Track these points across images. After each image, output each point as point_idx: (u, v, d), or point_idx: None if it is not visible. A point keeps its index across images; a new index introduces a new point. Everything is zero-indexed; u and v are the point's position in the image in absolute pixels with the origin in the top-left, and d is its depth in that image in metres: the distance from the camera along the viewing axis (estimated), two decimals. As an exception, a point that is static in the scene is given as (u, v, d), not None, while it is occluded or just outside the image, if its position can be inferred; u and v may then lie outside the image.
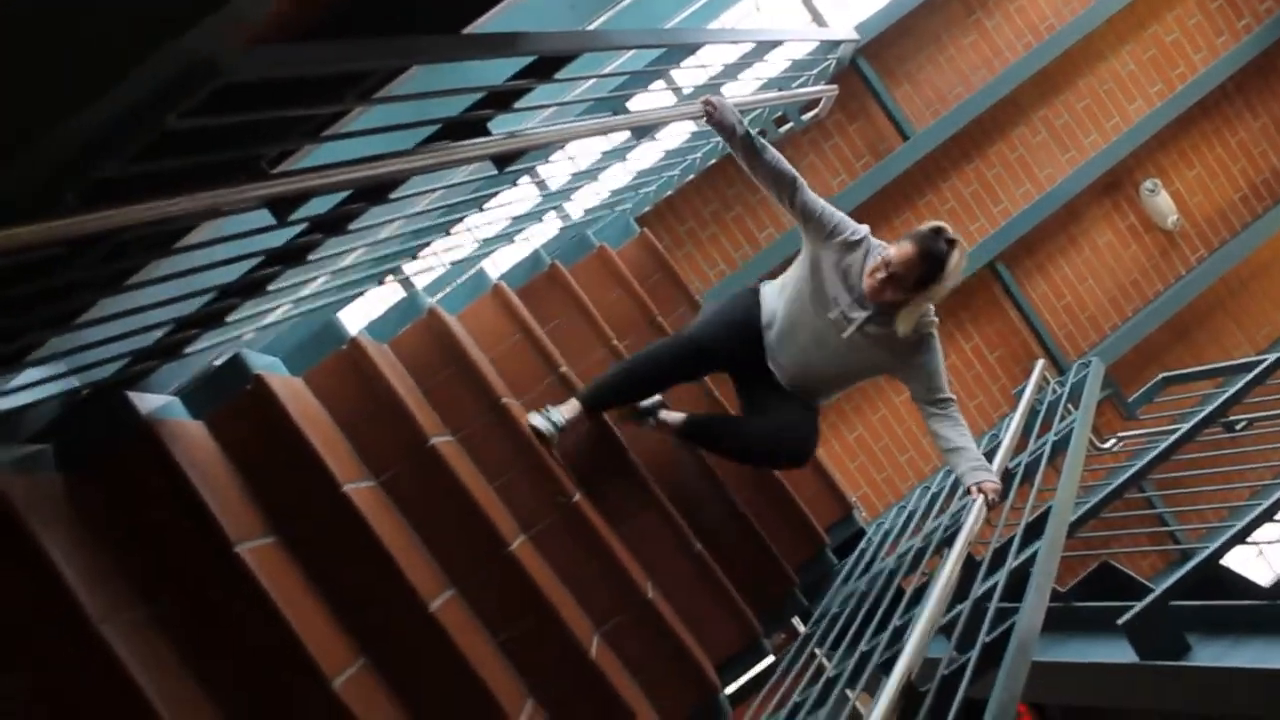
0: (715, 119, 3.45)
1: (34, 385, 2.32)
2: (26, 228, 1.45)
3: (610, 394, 3.59)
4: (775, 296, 3.63)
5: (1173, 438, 4.35)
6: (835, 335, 3.43)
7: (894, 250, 3.32)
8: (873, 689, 2.26)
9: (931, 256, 3.26)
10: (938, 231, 3.31)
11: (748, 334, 3.59)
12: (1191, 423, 4.43)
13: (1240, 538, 3.48)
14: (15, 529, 2.11)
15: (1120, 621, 3.31)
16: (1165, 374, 5.79)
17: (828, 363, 3.50)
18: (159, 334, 2.43)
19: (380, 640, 2.66)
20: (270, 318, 2.96)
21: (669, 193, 6.20)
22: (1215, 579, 4.04)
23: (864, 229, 3.50)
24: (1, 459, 2.20)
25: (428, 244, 3.39)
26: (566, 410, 3.49)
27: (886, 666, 2.37)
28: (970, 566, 2.94)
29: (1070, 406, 4.44)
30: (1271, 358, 4.68)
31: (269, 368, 2.90)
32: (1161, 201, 7.37)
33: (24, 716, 2.01)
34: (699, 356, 3.59)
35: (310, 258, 2.58)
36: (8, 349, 1.90)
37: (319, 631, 2.49)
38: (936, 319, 3.47)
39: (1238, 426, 4.79)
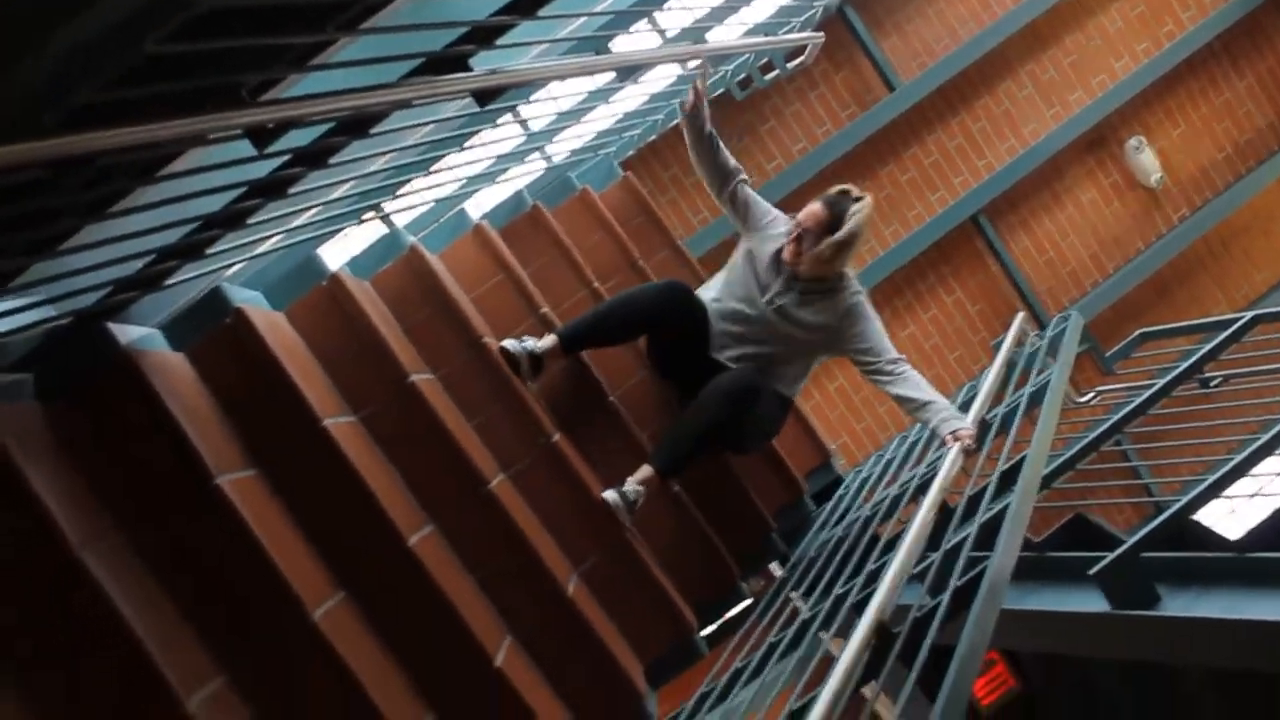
0: (692, 106, 3.60)
1: (14, 313, 2.31)
2: (6, 148, 1.45)
3: (585, 331, 3.59)
4: (709, 294, 3.79)
5: (1148, 392, 4.39)
6: (771, 317, 3.60)
7: (799, 214, 3.57)
8: (846, 633, 2.29)
9: (834, 207, 3.53)
10: (843, 192, 3.60)
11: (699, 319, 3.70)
12: (1168, 378, 4.48)
13: (1212, 492, 3.53)
14: (-4, 457, 2.11)
15: (1092, 572, 3.36)
16: (1143, 330, 5.83)
17: (769, 347, 3.64)
18: (140, 264, 2.42)
19: (359, 574, 2.67)
20: (252, 251, 2.94)
21: (653, 138, 6.18)
22: (1186, 532, 4.11)
23: (772, 214, 3.79)
24: (-20, 386, 2.20)
25: (409, 181, 3.37)
26: (542, 341, 3.50)
27: (860, 608, 2.41)
28: (945, 514, 2.97)
29: (1049, 359, 4.47)
30: (1248, 315, 4.72)
31: (250, 302, 2.89)
32: (1145, 159, 7.39)
33: (6, 645, 2.02)
34: (674, 303, 3.63)
35: (291, 191, 2.57)
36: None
37: (299, 564, 2.51)
38: (862, 288, 3.70)
39: (1213, 383, 4.83)
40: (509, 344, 3.42)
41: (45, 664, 2.07)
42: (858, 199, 3.57)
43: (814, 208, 3.53)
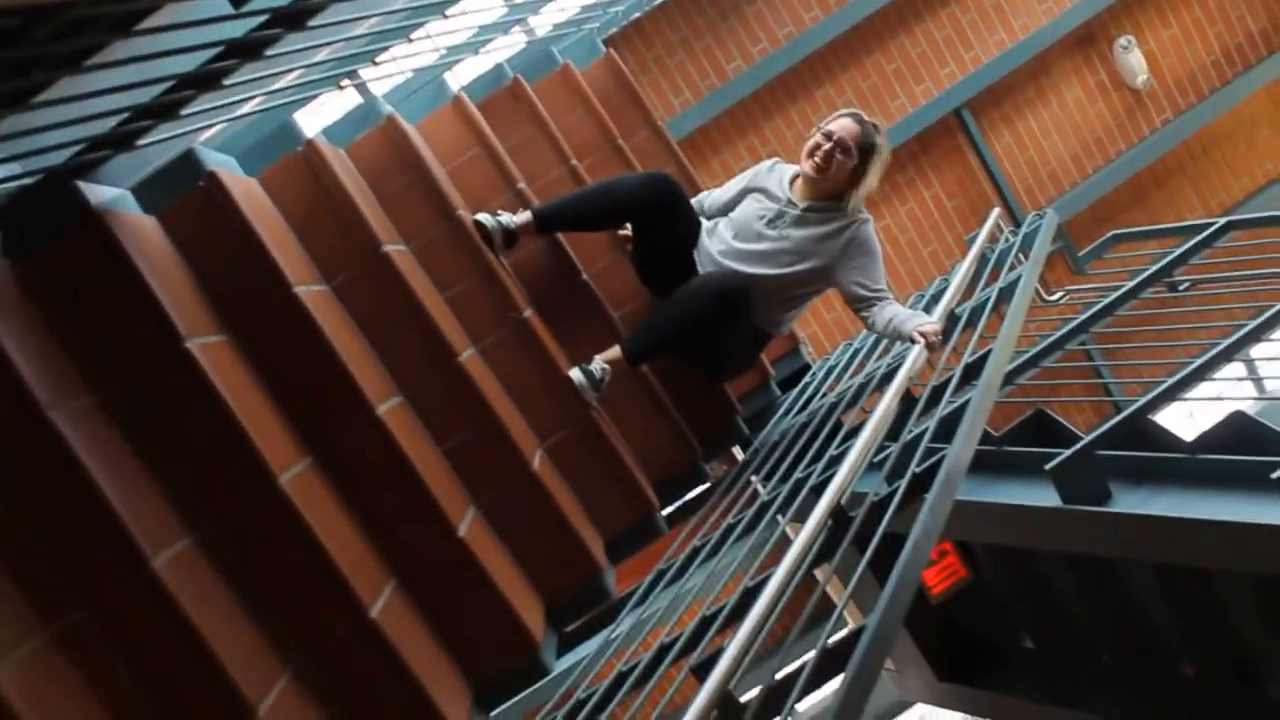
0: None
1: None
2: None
3: (562, 212, 3.60)
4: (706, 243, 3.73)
5: (1117, 293, 4.43)
6: (770, 241, 3.57)
7: (830, 125, 3.52)
8: (804, 518, 2.35)
9: (864, 123, 3.53)
10: (857, 115, 3.58)
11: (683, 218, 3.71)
12: (1136, 280, 4.51)
13: (1170, 395, 3.59)
14: (-37, 310, 2.12)
15: (1048, 467, 3.42)
16: (1116, 231, 5.86)
17: (767, 271, 3.58)
18: (113, 122, 2.40)
19: (326, 441, 2.71)
20: (227, 114, 2.92)
21: (638, 15, 6.10)
22: (1143, 433, 4.18)
23: (755, 167, 3.83)
24: (-52, 242, 2.19)
25: (389, 49, 3.33)
26: (517, 217, 3.50)
27: (818, 491, 2.47)
28: (908, 404, 3.02)
29: (1021, 256, 4.50)
30: (1221, 221, 4.74)
31: (223, 165, 2.87)
32: (1133, 60, 7.35)
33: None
34: (656, 195, 3.60)
35: (268, 53, 2.54)
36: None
37: (266, 429, 2.53)
38: (869, 216, 3.65)
39: (1181, 287, 4.88)
40: (483, 217, 3.41)
41: (10, 518, 2.09)
42: (873, 122, 3.58)
43: (846, 122, 3.51)
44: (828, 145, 3.47)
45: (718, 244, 3.62)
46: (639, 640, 2.72)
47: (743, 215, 3.66)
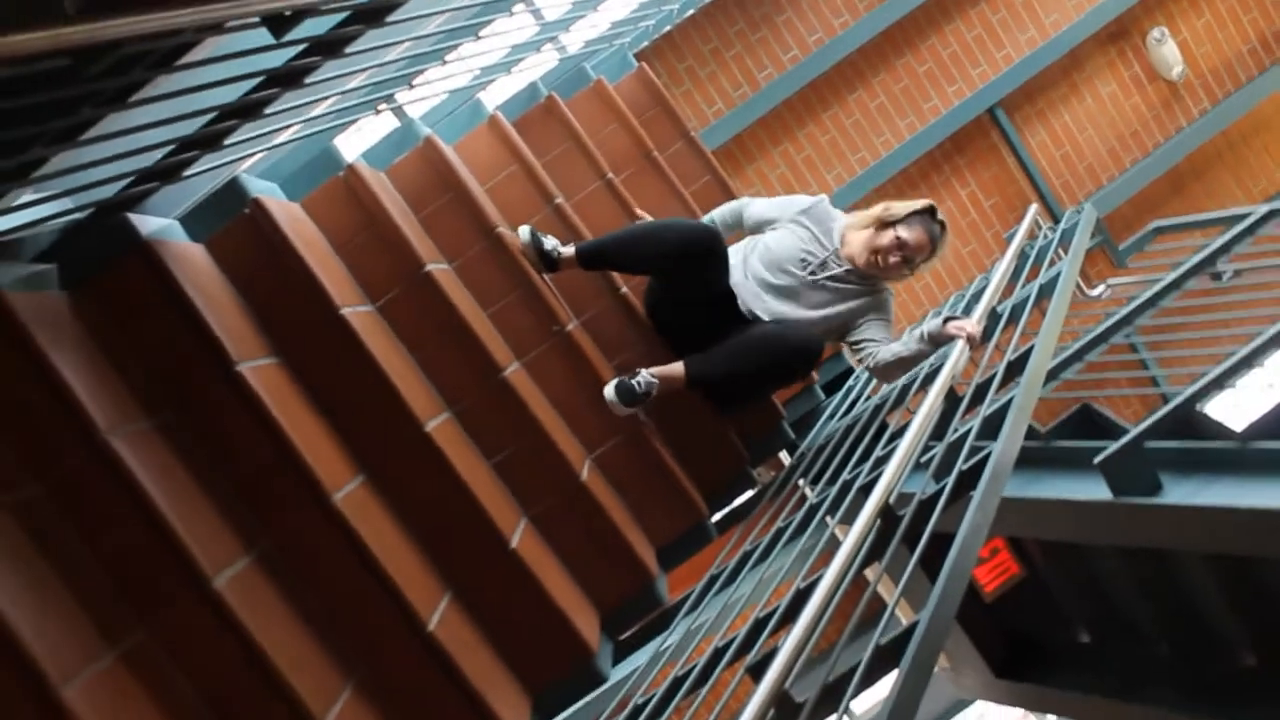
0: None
1: (37, 204, 2.35)
2: (28, 35, 1.47)
3: (605, 253, 3.56)
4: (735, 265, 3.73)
5: (1159, 285, 4.40)
6: (808, 286, 3.64)
7: (906, 233, 3.60)
8: (853, 519, 2.35)
9: (934, 236, 3.67)
10: (933, 212, 3.68)
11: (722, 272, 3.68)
12: (1179, 271, 4.48)
13: (1217, 383, 3.56)
14: (23, 343, 2.17)
15: (1096, 460, 3.40)
16: (1157, 223, 5.81)
17: (801, 314, 3.63)
18: (159, 154, 2.45)
19: (378, 459, 2.75)
20: (269, 142, 2.97)
21: (668, 28, 6.12)
22: (1191, 423, 4.15)
23: (808, 200, 3.82)
24: (6, 277, 2.24)
25: (424, 72, 3.38)
26: (564, 249, 3.51)
27: (866, 490, 2.47)
28: (952, 401, 3.01)
29: (1061, 252, 4.48)
30: (1263, 209, 4.69)
31: (267, 192, 2.92)
32: (1168, 51, 7.28)
33: (40, 521, 2.09)
34: (704, 247, 3.56)
35: (307, 81, 2.58)
36: (17, 161, 1.93)
37: (319, 448, 2.57)
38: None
39: (1225, 277, 4.83)
40: (524, 234, 3.44)
41: (76, 543, 2.14)
42: (941, 222, 3.69)
43: (921, 238, 3.62)
44: (896, 257, 3.59)
45: (754, 272, 3.66)
46: (692, 647, 2.72)
47: (782, 249, 3.68)
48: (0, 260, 2.32)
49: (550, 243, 3.49)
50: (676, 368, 3.44)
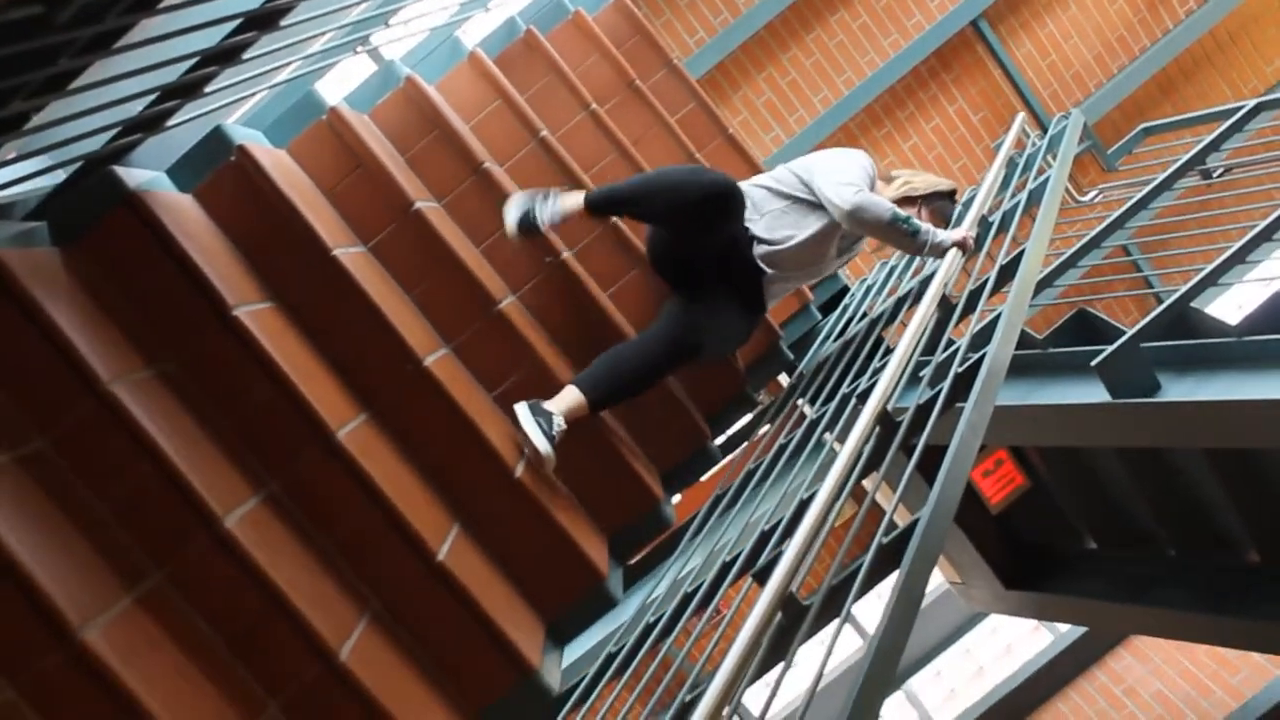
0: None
1: (21, 160, 2.36)
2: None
3: (616, 201, 3.37)
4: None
5: (1149, 186, 4.41)
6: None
7: (926, 215, 3.59)
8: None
9: (948, 222, 3.66)
10: (953, 195, 3.71)
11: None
12: (1169, 170, 4.48)
13: (1211, 280, 3.57)
14: (20, 298, 2.19)
15: (1094, 363, 3.42)
16: (1145, 125, 5.79)
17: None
18: (142, 104, 2.46)
19: (379, 396, 2.79)
20: (250, 88, 2.96)
21: (646, -42, 6.07)
22: (1189, 322, 4.16)
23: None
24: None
25: (401, 9, 3.36)
26: (566, 199, 3.30)
27: (864, 397, 2.50)
28: (946, 309, 3.03)
29: (1049, 159, 4.48)
30: (1251, 103, 4.69)
31: (251, 140, 2.92)
32: (1150, -49, 7.22)
33: (51, 473, 2.12)
34: (726, 202, 3.36)
35: (283, 23, 2.57)
36: (6, 113, 1.94)
37: (320, 388, 2.61)
38: None
39: (1216, 174, 4.83)
40: (518, 208, 3.25)
41: (88, 492, 2.17)
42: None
43: (938, 222, 3.60)
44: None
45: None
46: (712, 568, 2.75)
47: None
48: (-9, 219, 2.34)
49: (553, 203, 3.26)
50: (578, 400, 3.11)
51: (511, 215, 3.23)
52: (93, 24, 1.95)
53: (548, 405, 2.99)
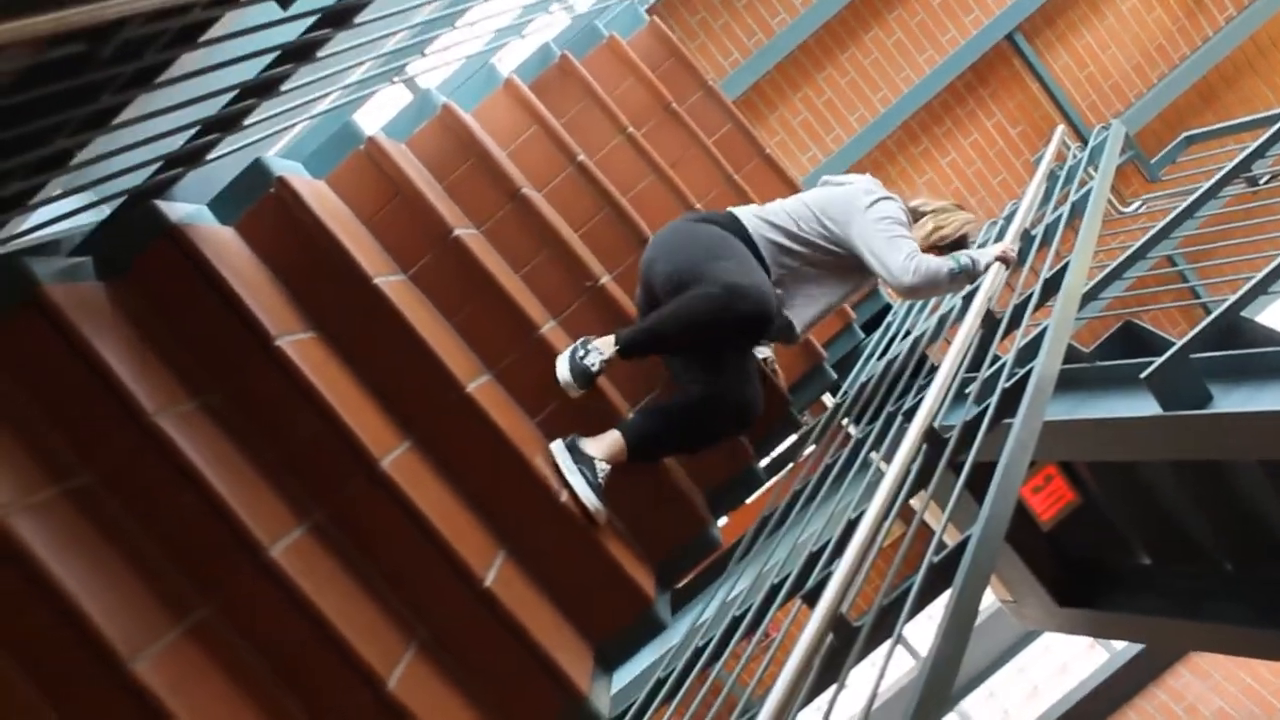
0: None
1: (64, 197, 2.39)
2: (34, 19, 1.49)
3: (644, 343, 3.11)
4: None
5: (1195, 194, 4.35)
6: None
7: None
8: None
9: None
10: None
11: None
12: (1215, 178, 4.42)
13: (1260, 289, 3.51)
14: (67, 332, 2.21)
15: (1143, 375, 3.37)
16: (1187, 133, 5.72)
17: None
18: (184, 138, 2.48)
19: (423, 423, 2.78)
20: (288, 120, 2.99)
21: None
22: (1239, 332, 4.10)
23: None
24: (46, 271, 2.28)
25: (436, 39, 3.38)
26: (601, 348, 3.07)
27: (909, 415, 2.47)
28: (991, 324, 3.00)
29: (1090, 171, 4.43)
30: (1296, 108, 4.62)
31: (290, 171, 2.94)
32: (1186, -41, 7.16)
33: (99, 506, 2.13)
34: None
35: (319, 55, 2.59)
36: (48, 151, 1.96)
37: (364, 417, 2.61)
38: None
39: (1262, 180, 4.76)
40: (563, 371, 3.05)
41: (135, 525, 2.18)
42: None
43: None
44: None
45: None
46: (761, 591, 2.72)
47: None
48: (39, 255, 2.36)
49: (594, 356, 3.05)
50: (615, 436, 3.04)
51: (564, 372, 3.04)
52: (133, 60, 1.98)
53: (588, 448, 2.95)
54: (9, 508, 1.92)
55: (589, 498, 2.86)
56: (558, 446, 2.95)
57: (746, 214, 3.35)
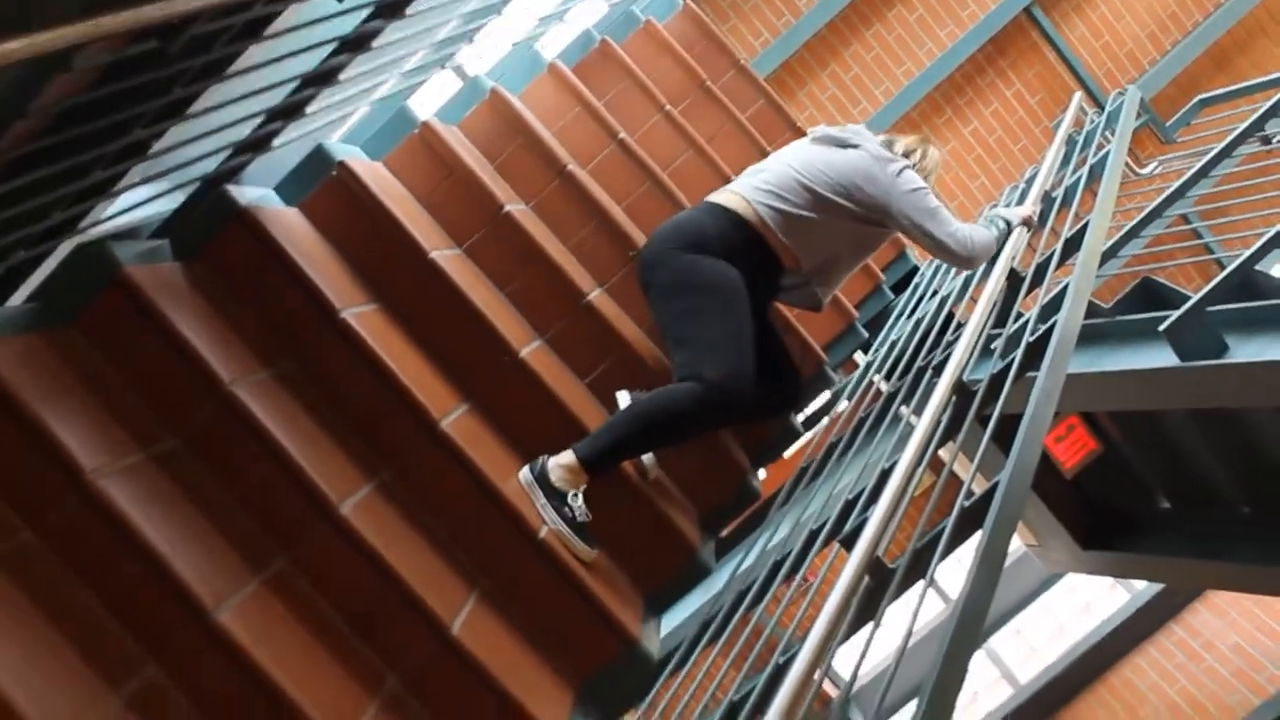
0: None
1: (144, 183, 2.40)
2: (117, 16, 1.49)
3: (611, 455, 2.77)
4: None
5: (1210, 154, 4.26)
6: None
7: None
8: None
9: None
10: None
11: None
12: (1228, 139, 4.32)
13: (1275, 242, 3.44)
14: (149, 311, 2.24)
15: (1161, 328, 3.32)
16: (1201, 96, 5.60)
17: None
18: (251, 126, 2.49)
19: (480, 386, 2.80)
20: (347, 107, 2.99)
21: (710, -33, 6.02)
22: (1254, 285, 4.02)
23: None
24: (127, 254, 2.30)
25: (484, 25, 3.37)
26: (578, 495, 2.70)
27: (939, 369, 2.44)
28: (1014, 282, 2.96)
29: (1108, 135, 4.35)
30: (1307, 69, 4.51)
31: (350, 155, 2.95)
32: (1198, -73, 6.99)
33: (182, 469, 2.16)
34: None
35: (374, 44, 2.59)
36: (130, 140, 1.97)
37: (423, 381, 2.62)
38: None
39: (1276, 140, 4.65)
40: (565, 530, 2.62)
41: (215, 486, 2.20)
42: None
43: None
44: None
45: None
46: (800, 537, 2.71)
47: None
48: (121, 240, 2.38)
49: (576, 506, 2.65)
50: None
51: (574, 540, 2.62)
52: (202, 54, 1.98)
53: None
54: (101, 471, 1.96)
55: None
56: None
57: (745, 188, 3.06)
